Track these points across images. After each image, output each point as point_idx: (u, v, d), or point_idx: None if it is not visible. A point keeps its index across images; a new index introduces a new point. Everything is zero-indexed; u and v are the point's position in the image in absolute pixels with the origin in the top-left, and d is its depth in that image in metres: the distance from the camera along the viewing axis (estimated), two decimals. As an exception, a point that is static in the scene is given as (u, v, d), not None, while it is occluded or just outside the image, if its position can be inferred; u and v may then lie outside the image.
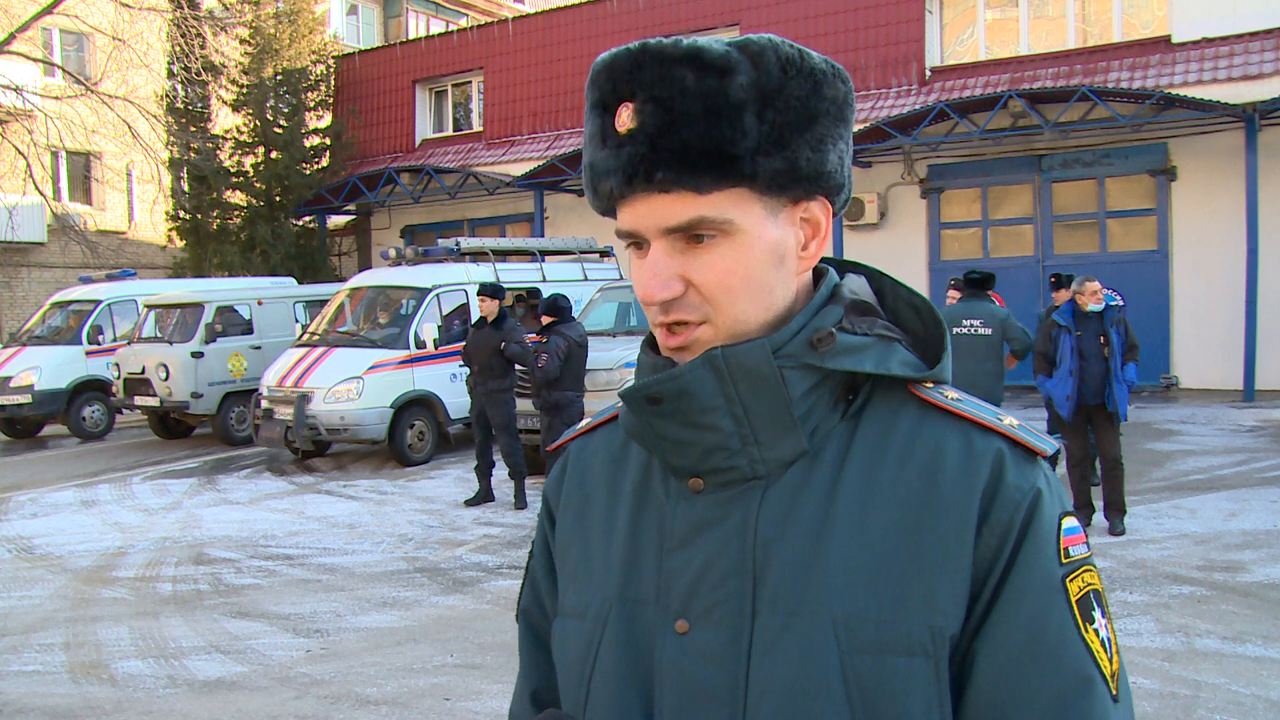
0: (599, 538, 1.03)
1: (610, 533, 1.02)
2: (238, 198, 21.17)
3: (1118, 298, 7.95)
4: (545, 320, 8.12)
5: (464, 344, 9.18)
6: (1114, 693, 0.89)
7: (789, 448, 0.92)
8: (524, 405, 8.82)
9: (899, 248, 15.69)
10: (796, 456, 0.93)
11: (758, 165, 0.88)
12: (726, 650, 0.91)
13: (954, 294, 8.51)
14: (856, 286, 1.01)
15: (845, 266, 1.05)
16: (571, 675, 1.01)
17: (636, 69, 0.89)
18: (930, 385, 0.95)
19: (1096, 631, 0.89)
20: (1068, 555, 0.90)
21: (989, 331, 7.49)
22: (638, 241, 0.94)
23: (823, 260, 1.02)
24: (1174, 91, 13.11)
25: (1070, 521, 0.92)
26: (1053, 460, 0.94)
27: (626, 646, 0.96)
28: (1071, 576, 0.89)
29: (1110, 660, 0.90)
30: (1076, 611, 0.88)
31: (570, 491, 1.09)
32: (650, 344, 1.00)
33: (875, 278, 1.04)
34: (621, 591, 0.98)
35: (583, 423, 1.14)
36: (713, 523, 0.94)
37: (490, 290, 8.67)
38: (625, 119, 0.89)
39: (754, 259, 0.91)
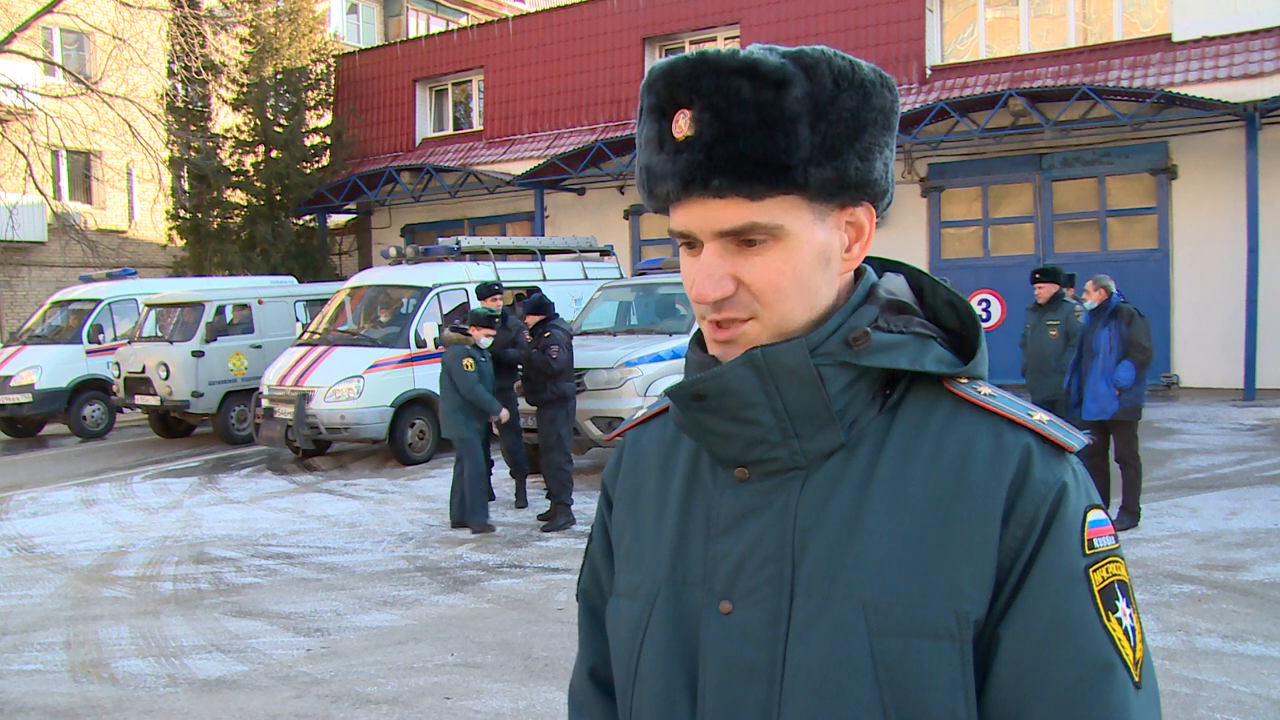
0: (651, 522, 1.08)
1: (661, 518, 1.07)
2: (238, 197, 21.17)
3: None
4: (532, 320, 8.16)
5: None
6: (1136, 679, 0.92)
7: (827, 440, 0.97)
8: (524, 405, 8.81)
9: (899, 247, 15.65)
10: (835, 448, 0.97)
11: (809, 175, 0.92)
12: (766, 631, 0.96)
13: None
14: (894, 286, 1.05)
15: (887, 265, 1.09)
16: (622, 652, 1.07)
17: (695, 78, 0.92)
18: (965, 381, 0.99)
19: (1120, 621, 0.93)
20: (1092, 546, 0.93)
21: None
22: (690, 241, 0.98)
23: (865, 259, 1.06)
24: (1174, 90, 13.10)
25: (1097, 515, 0.95)
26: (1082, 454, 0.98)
27: (674, 625, 1.02)
28: (1095, 567, 0.93)
29: (1134, 649, 0.93)
30: (1099, 600, 0.92)
31: (625, 478, 1.15)
32: (698, 341, 1.04)
33: (915, 276, 1.08)
34: (670, 574, 1.03)
35: (639, 413, 1.19)
36: (756, 510, 0.99)
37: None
38: (683, 125, 0.92)
39: (802, 261, 0.95)
